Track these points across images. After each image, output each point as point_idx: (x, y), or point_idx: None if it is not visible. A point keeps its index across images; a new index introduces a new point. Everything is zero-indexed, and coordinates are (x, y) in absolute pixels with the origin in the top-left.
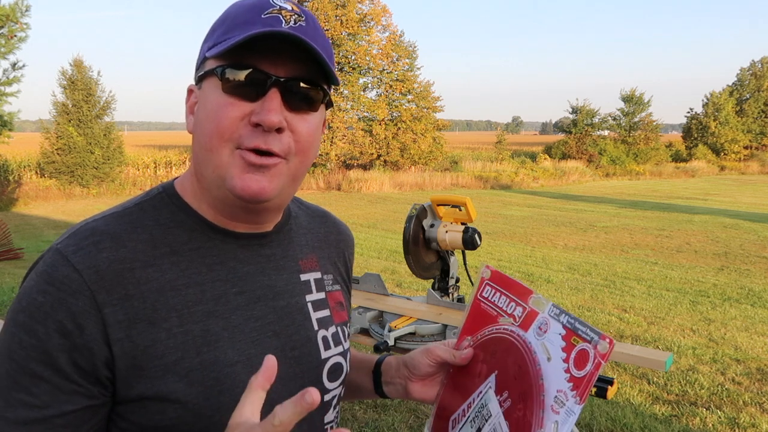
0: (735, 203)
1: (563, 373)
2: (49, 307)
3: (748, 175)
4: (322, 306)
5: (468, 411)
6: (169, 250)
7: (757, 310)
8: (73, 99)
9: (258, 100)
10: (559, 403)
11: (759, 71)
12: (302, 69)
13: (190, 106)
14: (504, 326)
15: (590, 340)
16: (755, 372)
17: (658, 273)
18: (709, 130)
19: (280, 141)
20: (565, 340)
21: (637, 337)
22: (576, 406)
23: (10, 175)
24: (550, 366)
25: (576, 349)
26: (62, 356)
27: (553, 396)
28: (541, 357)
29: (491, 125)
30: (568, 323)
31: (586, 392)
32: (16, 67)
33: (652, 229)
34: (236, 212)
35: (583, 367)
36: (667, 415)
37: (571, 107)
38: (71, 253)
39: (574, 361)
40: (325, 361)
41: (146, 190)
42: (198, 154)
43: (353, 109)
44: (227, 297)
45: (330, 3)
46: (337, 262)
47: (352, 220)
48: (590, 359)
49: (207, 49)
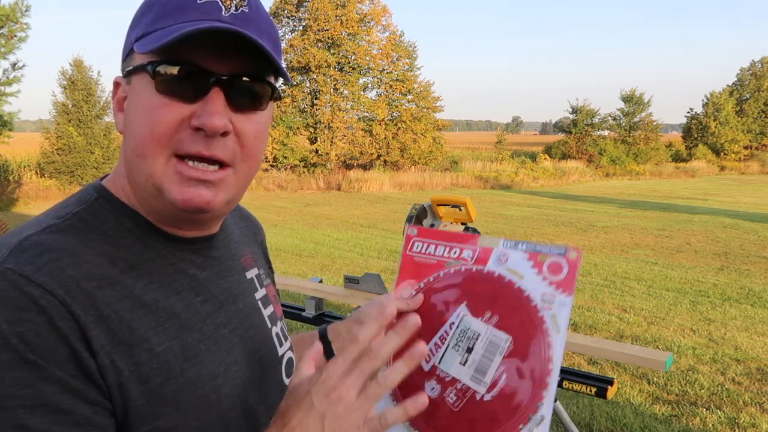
0: (735, 203)
1: (541, 281)
2: (33, 335)
3: (748, 175)
4: (267, 302)
5: (443, 343)
6: (126, 265)
7: (757, 310)
8: (73, 99)
9: (198, 101)
10: (548, 301)
11: (759, 71)
12: (247, 63)
13: (117, 102)
14: (455, 267)
15: (558, 254)
16: (755, 372)
17: (658, 273)
18: (709, 130)
19: (224, 146)
20: (532, 260)
21: (637, 337)
22: (567, 299)
23: (10, 175)
24: (526, 281)
25: (546, 263)
26: (72, 379)
27: (540, 299)
28: (513, 278)
29: (491, 125)
30: (527, 249)
31: (571, 286)
32: (16, 67)
33: (652, 229)
34: (179, 221)
35: (559, 272)
36: (667, 415)
37: (571, 107)
38: (32, 273)
39: (549, 271)
40: (282, 357)
41: (75, 196)
42: (130, 159)
43: (353, 109)
44: (195, 307)
45: (330, 3)
46: (260, 253)
47: (352, 220)
48: (564, 265)
49: (134, 39)
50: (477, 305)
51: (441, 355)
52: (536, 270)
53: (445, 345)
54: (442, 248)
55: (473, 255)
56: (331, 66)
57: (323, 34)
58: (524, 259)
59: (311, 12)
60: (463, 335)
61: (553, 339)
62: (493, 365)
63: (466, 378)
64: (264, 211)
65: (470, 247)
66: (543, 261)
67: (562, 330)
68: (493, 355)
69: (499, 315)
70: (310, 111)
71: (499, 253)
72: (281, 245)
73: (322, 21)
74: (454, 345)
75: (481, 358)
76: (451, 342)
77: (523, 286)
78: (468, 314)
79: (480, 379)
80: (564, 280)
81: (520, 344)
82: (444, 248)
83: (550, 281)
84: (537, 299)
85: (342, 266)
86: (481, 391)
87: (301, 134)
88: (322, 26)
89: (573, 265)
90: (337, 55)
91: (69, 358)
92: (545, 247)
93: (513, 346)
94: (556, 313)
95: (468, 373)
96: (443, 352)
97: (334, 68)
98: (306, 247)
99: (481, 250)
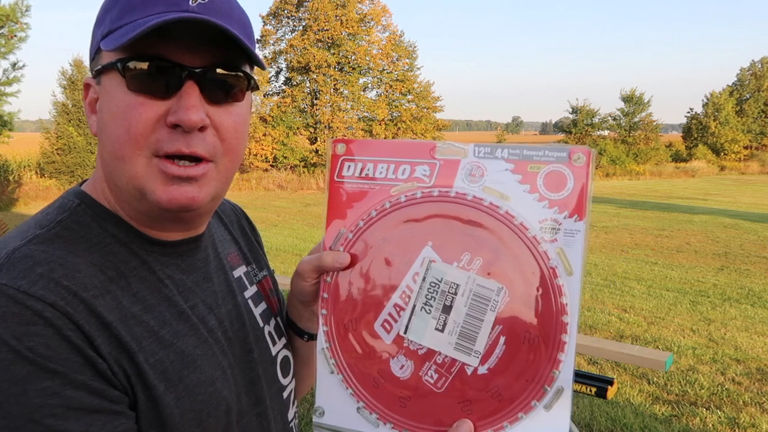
0: (735, 203)
1: (537, 203)
2: (45, 348)
3: (748, 175)
4: (259, 300)
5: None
6: (116, 274)
7: (757, 310)
8: (73, 99)
9: (172, 97)
10: (550, 231)
11: (759, 71)
12: (220, 54)
13: (89, 104)
14: (404, 194)
15: (557, 160)
16: (755, 372)
17: (658, 273)
18: (709, 130)
19: (204, 141)
20: (519, 172)
21: (637, 337)
22: (577, 224)
23: (10, 175)
24: (515, 203)
25: (542, 175)
26: (93, 381)
27: (539, 227)
28: (494, 200)
29: (491, 125)
30: (510, 156)
31: (583, 207)
32: (16, 67)
33: (652, 229)
34: (164, 222)
35: (561, 187)
36: (667, 415)
37: (571, 107)
38: (28, 287)
39: (546, 187)
40: (276, 357)
41: (56, 203)
42: (108, 163)
43: (353, 109)
44: (186, 313)
45: (330, 3)
46: (249, 244)
47: None
48: (568, 176)
49: (101, 36)
50: (448, 245)
51: (407, 320)
52: (527, 186)
53: (410, 306)
54: (384, 167)
55: (431, 172)
56: (331, 66)
57: (323, 34)
58: (508, 171)
59: (311, 12)
60: (435, 289)
61: (564, 281)
62: (485, 327)
63: (447, 348)
64: (264, 211)
65: (426, 161)
66: (536, 172)
67: (575, 270)
68: (482, 313)
69: (482, 257)
70: (310, 111)
71: (470, 166)
72: (281, 245)
73: (322, 21)
74: (423, 304)
75: (466, 318)
76: (418, 301)
77: (513, 211)
78: (437, 260)
79: (468, 347)
80: (569, 198)
81: (518, 294)
82: (387, 166)
83: (549, 201)
84: (534, 227)
85: None
86: (472, 363)
87: (301, 134)
88: (322, 26)
89: (581, 175)
90: (337, 55)
91: (84, 365)
92: (537, 151)
93: (509, 297)
94: (564, 247)
95: (449, 341)
96: (409, 317)
97: (334, 68)
98: (306, 247)
99: (442, 164)
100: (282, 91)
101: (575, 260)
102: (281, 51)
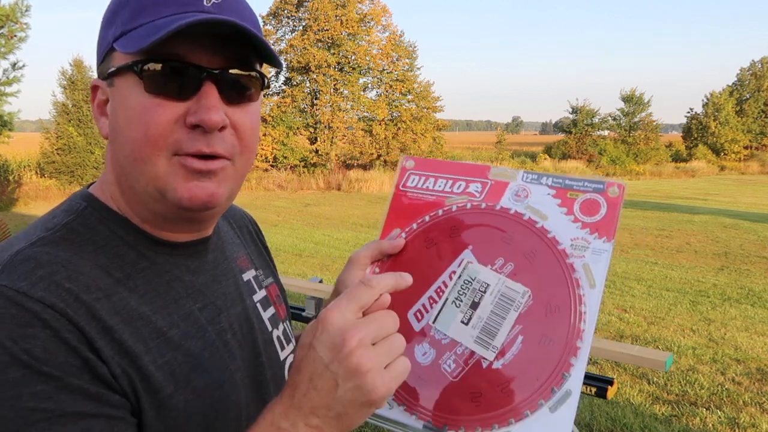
0: (735, 203)
1: (571, 224)
2: (42, 350)
3: (748, 175)
4: (268, 304)
5: (439, 296)
6: (122, 276)
7: (757, 310)
8: (73, 99)
9: (191, 98)
10: (579, 248)
11: (759, 71)
12: (236, 54)
13: (98, 106)
14: (456, 204)
15: (594, 191)
16: (755, 372)
17: (658, 273)
18: (709, 130)
19: (223, 141)
20: (559, 197)
21: (637, 337)
22: (605, 245)
23: (10, 175)
24: (552, 222)
25: (579, 201)
26: (91, 386)
27: (570, 244)
28: (534, 217)
29: (491, 125)
30: (554, 183)
31: (612, 229)
32: (16, 67)
33: (652, 229)
34: (178, 223)
35: (595, 212)
36: (667, 415)
37: (571, 107)
38: (28, 288)
39: (582, 211)
40: (284, 361)
41: (63, 206)
42: (125, 165)
43: (353, 109)
44: (194, 315)
45: (330, 3)
46: (257, 251)
47: (352, 220)
48: (602, 204)
49: (113, 38)
50: (486, 250)
51: (437, 312)
52: (564, 209)
53: (443, 300)
54: (443, 182)
55: (483, 189)
56: (331, 66)
57: (323, 34)
58: (549, 196)
59: (311, 12)
60: (467, 287)
61: (586, 292)
62: (506, 325)
63: (468, 340)
64: (264, 211)
65: (479, 179)
66: (574, 198)
67: (597, 284)
68: (505, 312)
69: (514, 262)
70: (310, 111)
71: (517, 188)
72: (281, 245)
73: (322, 21)
74: (455, 299)
75: (490, 315)
76: (450, 295)
77: (548, 227)
78: (474, 261)
79: (487, 342)
80: (602, 222)
81: (541, 298)
82: (446, 182)
83: (582, 223)
84: (566, 243)
85: (342, 266)
86: (488, 357)
87: (301, 134)
88: (322, 26)
89: (614, 204)
90: (337, 55)
91: (83, 368)
92: (578, 182)
93: (533, 300)
94: (590, 263)
95: (471, 334)
96: (440, 309)
97: (334, 68)
98: (306, 247)
99: (493, 184)
100: (282, 91)
101: (599, 275)
102: (281, 51)
